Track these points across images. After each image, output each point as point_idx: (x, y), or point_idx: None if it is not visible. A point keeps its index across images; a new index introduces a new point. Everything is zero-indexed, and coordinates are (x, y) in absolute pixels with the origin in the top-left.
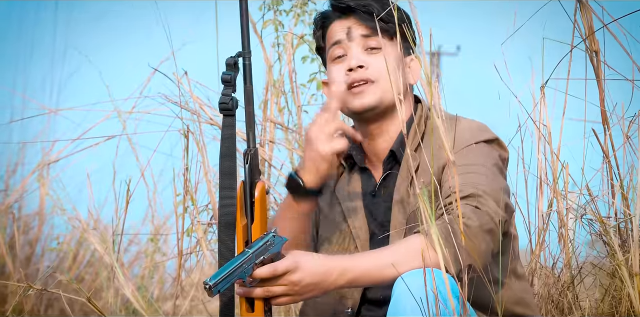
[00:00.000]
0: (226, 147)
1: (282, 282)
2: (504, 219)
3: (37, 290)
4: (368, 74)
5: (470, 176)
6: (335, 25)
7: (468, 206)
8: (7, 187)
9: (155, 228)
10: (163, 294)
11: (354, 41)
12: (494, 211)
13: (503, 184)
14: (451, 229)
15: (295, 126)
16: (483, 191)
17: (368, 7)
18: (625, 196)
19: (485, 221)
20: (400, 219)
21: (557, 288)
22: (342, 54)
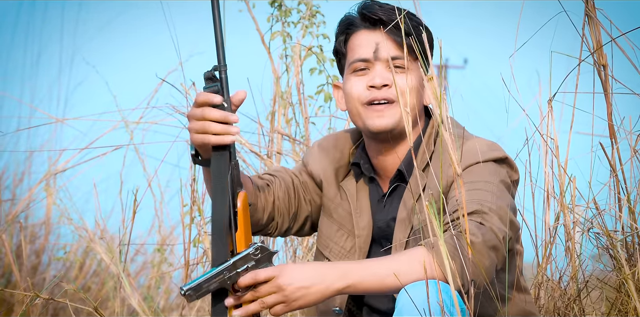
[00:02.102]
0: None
1: (269, 290)
2: (509, 236)
3: (44, 299)
4: (391, 93)
5: (476, 193)
6: (362, 35)
7: (473, 222)
8: (14, 197)
9: (162, 238)
10: (169, 304)
11: (379, 60)
12: (498, 227)
13: (509, 201)
14: (457, 244)
15: (303, 137)
16: (488, 208)
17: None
18: (633, 209)
19: (489, 237)
20: (400, 237)
21: (563, 301)
22: (364, 67)
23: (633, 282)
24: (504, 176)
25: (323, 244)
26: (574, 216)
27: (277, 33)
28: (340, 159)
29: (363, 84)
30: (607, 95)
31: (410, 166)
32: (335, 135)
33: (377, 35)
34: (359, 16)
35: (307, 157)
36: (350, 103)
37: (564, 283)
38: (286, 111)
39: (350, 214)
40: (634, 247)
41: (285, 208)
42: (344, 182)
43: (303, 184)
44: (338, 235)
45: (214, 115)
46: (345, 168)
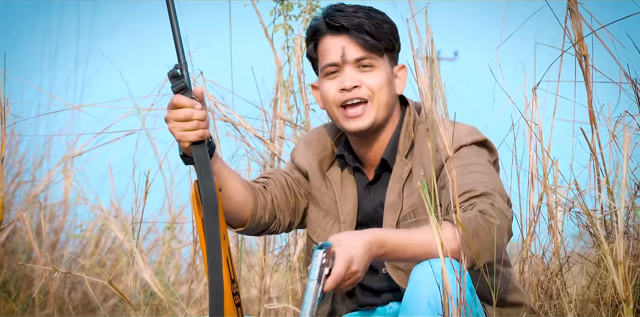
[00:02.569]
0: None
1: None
2: (511, 214)
3: (62, 273)
4: (362, 92)
5: (474, 175)
6: (328, 41)
7: (487, 204)
8: (33, 179)
9: (172, 217)
10: (179, 278)
11: (348, 63)
12: (505, 208)
13: (499, 179)
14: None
15: (303, 123)
16: (492, 189)
17: (361, 26)
18: (611, 190)
19: (503, 219)
20: (390, 221)
21: (546, 276)
22: (335, 71)
23: (611, 258)
24: (487, 156)
25: (312, 229)
26: (556, 196)
27: (279, 26)
28: (324, 150)
29: (335, 86)
30: (588, 84)
31: (392, 154)
32: (317, 129)
33: (343, 39)
34: (323, 23)
35: (293, 152)
36: (326, 105)
37: (547, 259)
38: (288, 99)
39: (335, 202)
40: (612, 225)
41: (285, 205)
42: (328, 171)
43: (296, 181)
44: (325, 221)
45: (182, 115)
46: (329, 159)
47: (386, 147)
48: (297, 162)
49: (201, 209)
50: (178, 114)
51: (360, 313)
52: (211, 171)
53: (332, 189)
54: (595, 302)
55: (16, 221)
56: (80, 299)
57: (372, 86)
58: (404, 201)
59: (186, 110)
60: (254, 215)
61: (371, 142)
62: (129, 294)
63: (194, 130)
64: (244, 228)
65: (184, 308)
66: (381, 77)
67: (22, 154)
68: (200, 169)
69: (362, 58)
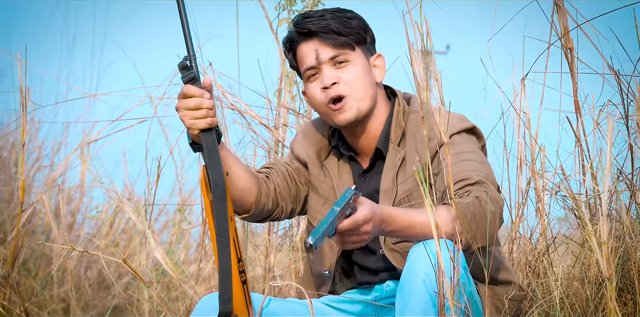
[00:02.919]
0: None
1: (356, 233)
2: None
3: (79, 252)
4: (341, 89)
5: (467, 163)
6: (303, 47)
7: (482, 192)
8: (52, 163)
9: (182, 200)
10: (188, 257)
11: (323, 63)
12: (498, 196)
13: (490, 167)
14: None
15: (305, 111)
16: (485, 178)
17: (327, 27)
18: (595, 175)
19: (496, 206)
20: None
21: (533, 255)
22: (315, 73)
23: (595, 239)
24: (476, 141)
25: (312, 216)
26: (543, 180)
27: (283, 20)
28: (321, 140)
29: (318, 87)
30: (573, 75)
31: (386, 143)
32: (313, 121)
33: (314, 43)
34: (294, 32)
35: (292, 144)
36: (315, 106)
37: (534, 239)
38: (291, 88)
39: (333, 189)
40: (596, 208)
41: (287, 193)
42: (326, 161)
43: (296, 170)
44: (324, 208)
45: (192, 104)
46: (326, 149)
47: (379, 136)
48: (297, 153)
49: (209, 192)
50: (188, 103)
51: (358, 291)
52: (219, 157)
53: (329, 177)
54: (580, 280)
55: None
56: (95, 277)
57: (349, 79)
58: (398, 187)
59: (196, 99)
60: (258, 202)
61: (362, 132)
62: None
63: (203, 119)
64: (249, 214)
65: (193, 286)
66: (357, 69)
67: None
68: (209, 155)
69: (335, 56)
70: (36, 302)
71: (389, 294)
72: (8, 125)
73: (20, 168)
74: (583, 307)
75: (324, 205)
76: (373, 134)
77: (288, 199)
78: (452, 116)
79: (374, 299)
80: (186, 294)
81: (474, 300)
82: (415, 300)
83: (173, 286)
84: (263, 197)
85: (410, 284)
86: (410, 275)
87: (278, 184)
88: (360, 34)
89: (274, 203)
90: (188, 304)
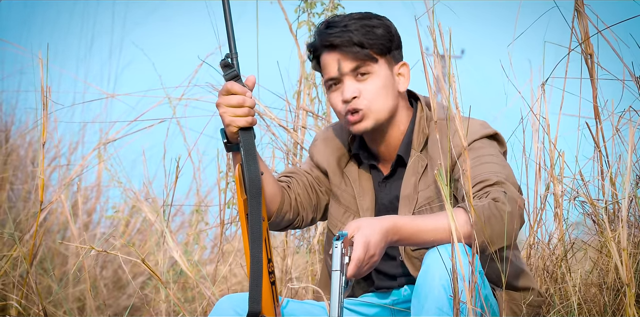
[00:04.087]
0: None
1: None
2: (523, 202)
3: (98, 251)
4: (360, 103)
5: (487, 166)
6: (325, 57)
7: (500, 192)
8: (69, 163)
9: (199, 200)
10: (203, 259)
11: (345, 75)
12: (517, 195)
13: (511, 169)
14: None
15: (324, 114)
16: (504, 178)
17: (350, 40)
18: (613, 181)
19: (514, 206)
20: (405, 212)
21: (551, 261)
22: (336, 83)
23: (614, 244)
24: (497, 147)
25: (333, 224)
26: (562, 186)
27: (303, 22)
28: (341, 148)
29: (339, 98)
30: (593, 80)
31: (407, 149)
32: (334, 126)
33: (336, 54)
34: (318, 41)
35: (311, 150)
36: (335, 113)
37: (552, 245)
38: (310, 91)
39: (354, 198)
40: (615, 214)
41: (307, 202)
42: (346, 168)
43: (316, 179)
44: (345, 217)
45: (234, 101)
46: (346, 156)
47: (401, 143)
48: (317, 161)
49: (243, 192)
50: (231, 100)
51: (376, 294)
52: (256, 157)
53: (350, 186)
54: (598, 286)
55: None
56: (110, 277)
57: (370, 93)
58: (419, 193)
59: (239, 97)
60: (280, 209)
61: (383, 139)
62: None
63: (245, 117)
64: (270, 221)
65: (210, 286)
66: (379, 81)
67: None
68: (247, 153)
69: (357, 67)
70: (52, 301)
71: (407, 298)
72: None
73: (40, 167)
74: (601, 312)
75: (344, 214)
76: (394, 141)
77: (309, 208)
78: (474, 122)
79: (392, 303)
80: (202, 294)
81: (491, 304)
82: (431, 304)
83: (189, 286)
84: (285, 205)
85: (425, 288)
86: (426, 279)
87: (299, 193)
88: (384, 44)
89: (295, 213)
90: (205, 305)
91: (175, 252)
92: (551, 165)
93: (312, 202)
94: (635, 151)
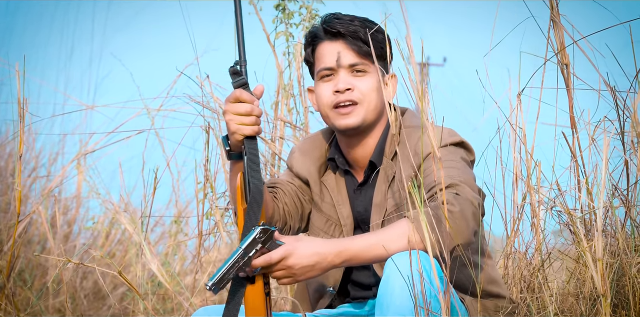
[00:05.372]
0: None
1: (279, 268)
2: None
3: (75, 264)
4: (353, 95)
5: (445, 170)
6: (325, 45)
7: (450, 194)
8: (49, 174)
9: (178, 211)
10: (184, 269)
11: (342, 67)
12: (472, 195)
13: (472, 173)
14: (435, 215)
15: (302, 125)
16: (459, 180)
17: (357, 33)
18: (590, 191)
19: (466, 205)
20: (376, 220)
21: (528, 270)
22: (330, 74)
23: (590, 254)
24: (463, 154)
25: (314, 233)
26: (538, 195)
27: (281, 33)
28: (320, 157)
29: (329, 89)
30: (569, 90)
31: (380, 156)
32: (311, 137)
33: (339, 44)
34: (321, 29)
35: (290, 161)
36: (320, 106)
37: (529, 254)
38: (288, 101)
39: (333, 206)
40: (591, 224)
41: (294, 211)
42: (324, 177)
43: (299, 188)
44: (327, 225)
45: (242, 110)
46: (325, 165)
47: (374, 149)
48: (297, 171)
49: (244, 200)
50: (239, 108)
51: (352, 305)
52: (259, 165)
53: (329, 195)
54: (575, 296)
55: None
56: (91, 288)
57: (363, 90)
58: (388, 201)
59: (247, 105)
60: (271, 219)
61: (359, 144)
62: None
63: (251, 126)
64: None
65: (188, 297)
66: (372, 82)
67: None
68: (251, 162)
69: (356, 63)
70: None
71: None
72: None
73: (17, 179)
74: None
75: (326, 222)
76: (369, 147)
77: (296, 218)
78: (441, 130)
79: (368, 313)
80: (181, 305)
81: (455, 312)
82: (393, 313)
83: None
84: (275, 215)
85: (386, 298)
86: (386, 289)
87: (286, 202)
88: (383, 48)
89: (283, 222)
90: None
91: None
92: (528, 175)
93: (298, 211)
94: (610, 161)
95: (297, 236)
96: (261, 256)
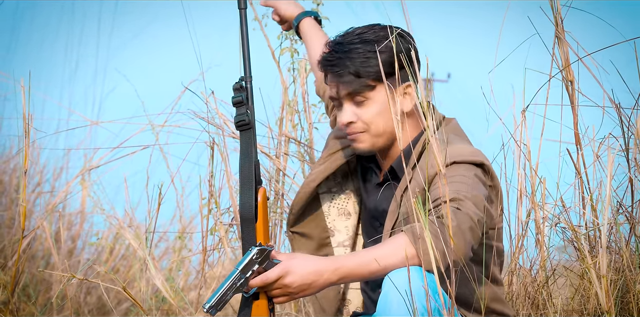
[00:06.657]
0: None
1: (276, 286)
2: (483, 218)
3: (79, 279)
4: (357, 127)
5: (452, 185)
6: (328, 77)
7: (451, 208)
8: (53, 189)
9: (182, 227)
10: (188, 285)
11: (343, 99)
12: (473, 211)
13: (483, 192)
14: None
15: (307, 141)
16: (464, 196)
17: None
18: (595, 207)
19: (464, 220)
20: (388, 226)
21: (533, 287)
22: (337, 103)
23: (594, 271)
24: (479, 173)
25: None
26: (543, 212)
27: (285, 49)
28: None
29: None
30: (574, 107)
31: (401, 164)
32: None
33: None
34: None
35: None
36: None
37: (534, 271)
38: (293, 117)
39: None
40: (596, 240)
41: None
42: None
43: None
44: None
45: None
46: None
47: (397, 158)
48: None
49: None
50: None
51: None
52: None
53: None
54: (579, 312)
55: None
56: (95, 303)
57: (365, 119)
58: (400, 208)
59: None
60: None
61: (385, 155)
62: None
63: None
64: None
65: (192, 313)
66: (376, 107)
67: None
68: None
69: (352, 94)
70: None
71: None
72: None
73: (22, 195)
74: None
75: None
76: (394, 154)
77: None
78: (466, 148)
79: None
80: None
81: None
82: None
83: (172, 313)
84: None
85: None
86: (385, 306)
87: None
88: (385, 69)
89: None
90: None
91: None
92: (532, 191)
93: None
94: (615, 178)
95: (292, 254)
96: (258, 276)
